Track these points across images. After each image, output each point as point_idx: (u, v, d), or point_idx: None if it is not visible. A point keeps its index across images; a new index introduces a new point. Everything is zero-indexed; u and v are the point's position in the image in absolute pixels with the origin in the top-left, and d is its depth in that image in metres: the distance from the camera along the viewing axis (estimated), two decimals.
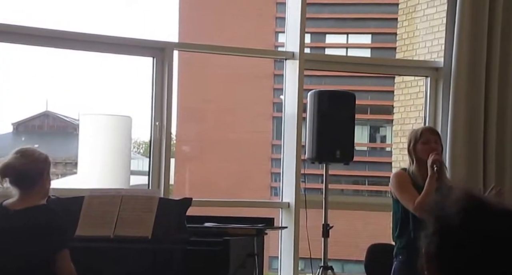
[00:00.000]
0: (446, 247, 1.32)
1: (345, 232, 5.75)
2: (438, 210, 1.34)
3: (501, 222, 1.31)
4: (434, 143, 3.35)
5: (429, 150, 3.32)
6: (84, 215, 3.07)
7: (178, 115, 9.02)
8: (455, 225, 1.31)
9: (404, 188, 3.34)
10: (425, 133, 3.38)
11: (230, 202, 4.64)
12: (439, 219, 1.33)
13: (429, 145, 3.34)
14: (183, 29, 11.05)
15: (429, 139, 3.35)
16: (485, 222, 1.30)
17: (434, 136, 3.39)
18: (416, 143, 3.36)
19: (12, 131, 8.90)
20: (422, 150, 3.33)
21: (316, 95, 3.83)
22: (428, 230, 1.35)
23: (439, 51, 4.39)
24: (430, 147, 3.33)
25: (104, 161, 4.84)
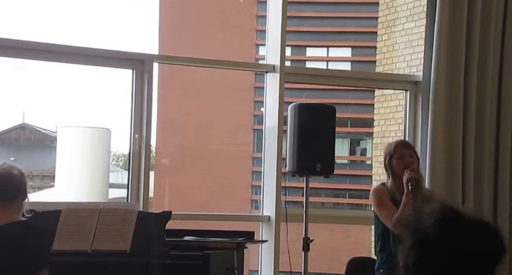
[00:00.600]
0: (424, 259, 1.33)
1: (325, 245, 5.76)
2: (415, 223, 1.36)
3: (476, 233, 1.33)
4: (409, 157, 3.37)
5: (403, 164, 3.33)
6: (61, 229, 3.03)
7: (158, 128, 8.98)
8: (433, 236, 1.32)
9: (382, 204, 3.35)
10: (398, 148, 3.39)
11: (210, 216, 4.60)
12: (416, 232, 1.35)
13: (403, 160, 3.35)
14: (163, 41, 11.04)
15: (403, 154, 3.37)
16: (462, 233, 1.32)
17: (407, 149, 3.40)
18: (391, 158, 3.38)
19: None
20: (397, 165, 3.35)
21: (297, 108, 3.83)
22: (405, 243, 1.36)
23: (418, 65, 4.42)
24: (405, 162, 3.34)
25: (82, 174, 4.79)
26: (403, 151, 3.37)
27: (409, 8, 4.58)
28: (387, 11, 4.99)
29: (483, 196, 4.15)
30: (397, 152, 3.36)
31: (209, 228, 3.75)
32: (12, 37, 3.79)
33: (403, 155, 3.35)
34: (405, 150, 3.38)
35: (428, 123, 4.16)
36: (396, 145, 3.43)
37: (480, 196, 4.15)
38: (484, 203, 4.14)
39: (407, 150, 3.39)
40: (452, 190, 4.08)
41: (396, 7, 4.78)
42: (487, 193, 4.17)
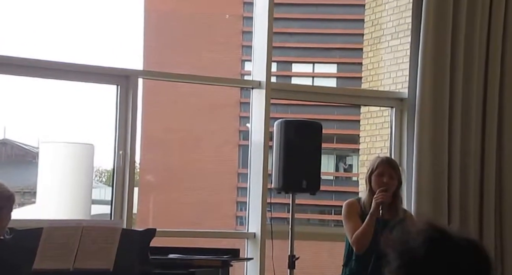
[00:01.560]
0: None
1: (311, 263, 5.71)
2: (401, 244, 1.35)
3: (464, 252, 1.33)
4: (388, 178, 3.36)
5: (380, 183, 3.34)
6: (42, 248, 2.96)
7: (142, 144, 8.92)
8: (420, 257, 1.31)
9: (348, 218, 3.38)
10: (381, 166, 3.39)
11: (195, 233, 4.57)
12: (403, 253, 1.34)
13: (381, 179, 3.35)
14: (148, 57, 11.02)
15: (383, 172, 3.36)
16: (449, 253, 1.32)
17: (390, 169, 3.38)
18: (372, 173, 3.39)
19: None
20: (375, 182, 3.36)
21: (283, 124, 3.81)
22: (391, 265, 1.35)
23: (403, 82, 4.44)
24: (382, 181, 3.34)
25: (65, 190, 4.72)
26: (384, 170, 3.36)
27: (394, 25, 4.61)
28: (372, 28, 5.02)
29: (469, 212, 4.16)
30: (378, 169, 3.36)
31: (194, 245, 3.71)
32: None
33: (383, 174, 3.35)
34: (387, 169, 3.37)
35: (414, 139, 4.17)
36: (380, 162, 3.42)
37: (466, 212, 4.16)
38: (470, 220, 4.15)
39: (389, 170, 3.38)
40: (438, 207, 4.08)
41: (381, 24, 4.81)
42: (472, 209, 4.18)
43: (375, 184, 3.33)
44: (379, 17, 4.92)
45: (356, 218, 3.33)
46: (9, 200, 2.62)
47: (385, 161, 3.45)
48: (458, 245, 1.33)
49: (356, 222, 3.31)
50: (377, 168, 3.36)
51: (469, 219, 4.15)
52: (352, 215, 3.35)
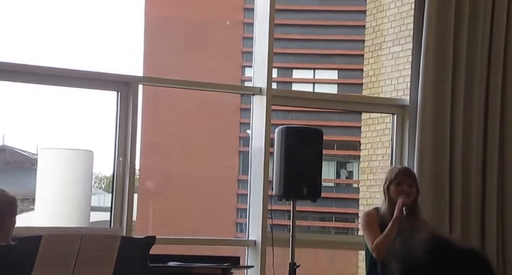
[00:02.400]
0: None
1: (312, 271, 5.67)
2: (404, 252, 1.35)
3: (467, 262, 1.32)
4: (407, 186, 3.40)
5: (400, 192, 3.36)
6: (41, 256, 2.94)
7: (142, 150, 8.89)
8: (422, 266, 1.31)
9: (368, 227, 3.38)
10: (399, 175, 3.42)
11: (195, 240, 4.53)
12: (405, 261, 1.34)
13: (401, 187, 3.38)
14: (148, 63, 11.00)
15: (402, 181, 3.40)
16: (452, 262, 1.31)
17: (408, 179, 3.43)
18: (390, 183, 3.41)
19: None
20: (394, 191, 3.38)
21: (284, 131, 3.80)
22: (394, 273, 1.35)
23: (404, 89, 4.43)
24: (402, 190, 3.37)
25: (64, 197, 4.70)
26: (402, 179, 3.41)
27: (396, 32, 4.59)
28: (373, 35, 5.01)
29: (471, 220, 4.14)
30: (396, 179, 3.40)
31: (193, 252, 3.68)
32: None
33: (402, 183, 3.39)
34: (405, 178, 3.42)
35: (415, 146, 4.15)
36: (398, 172, 3.46)
37: (468, 220, 4.13)
38: (472, 228, 4.12)
39: (408, 179, 3.42)
40: (439, 213, 4.06)
41: (382, 31, 4.79)
42: (474, 216, 4.15)
43: (394, 194, 3.36)
44: (380, 24, 4.91)
45: (375, 226, 3.36)
46: (12, 206, 2.61)
47: (404, 171, 3.50)
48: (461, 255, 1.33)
49: (376, 230, 3.34)
50: (395, 178, 3.40)
51: (471, 227, 4.12)
52: (371, 223, 3.37)
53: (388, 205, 3.38)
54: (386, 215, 3.37)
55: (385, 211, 3.39)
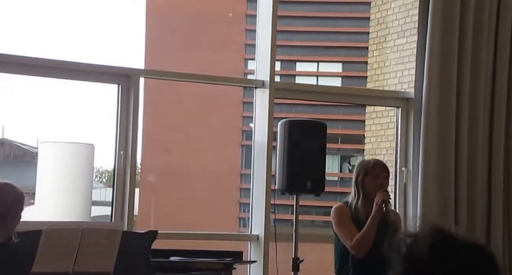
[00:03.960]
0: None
1: (315, 265, 5.61)
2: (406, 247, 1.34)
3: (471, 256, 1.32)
4: (383, 179, 3.33)
5: (378, 185, 3.28)
6: (42, 250, 2.91)
7: (143, 144, 8.87)
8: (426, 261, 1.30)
9: (342, 223, 3.31)
10: (376, 167, 3.35)
11: (197, 235, 4.51)
12: (407, 256, 1.33)
13: (378, 180, 3.30)
14: (150, 56, 10.97)
15: (379, 174, 3.33)
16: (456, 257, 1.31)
17: (385, 172, 3.37)
18: (365, 176, 3.33)
19: None
20: (371, 184, 3.30)
21: (287, 124, 3.76)
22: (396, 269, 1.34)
23: (409, 82, 4.39)
24: (379, 183, 3.29)
25: (64, 191, 4.67)
26: (380, 172, 3.34)
27: (400, 24, 4.55)
28: (378, 27, 4.96)
29: (476, 214, 4.11)
30: (374, 171, 3.32)
31: (196, 247, 3.66)
32: None
33: (379, 175, 3.32)
34: (382, 171, 3.35)
35: (420, 140, 4.11)
36: (375, 164, 3.39)
37: (474, 214, 4.10)
38: (477, 220, 4.10)
39: (384, 172, 3.36)
40: (444, 207, 4.03)
41: (387, 23, 4.75)
42: (480, 209, 4.12)
43: (370, 187, 3.29)
44: (385, 16, 4.86)
45: (349, 222, 3.28)
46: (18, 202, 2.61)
47: (380, 164, 3.44)
48: (464, 249, 1.33)
49: (351, 226, 3.27)
50: (372, 170, 3.32)
51: (476, 220, 4.09)
52: (344, 219, 3.30)
53: (363, 199, 3.29)
54: (360, 210, 3.30)
55: (359, 205, 3.30)
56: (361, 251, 3.21)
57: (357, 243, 3.21)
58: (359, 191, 3.32)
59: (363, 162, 3.45)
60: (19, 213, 2.63)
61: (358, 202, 3.31)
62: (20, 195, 2.62)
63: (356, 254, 3.23)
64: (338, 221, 3.32)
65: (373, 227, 3.19)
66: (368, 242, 3.19)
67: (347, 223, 3.28)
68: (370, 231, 3.19)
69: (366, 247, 3.19)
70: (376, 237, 3.18)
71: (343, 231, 3.29)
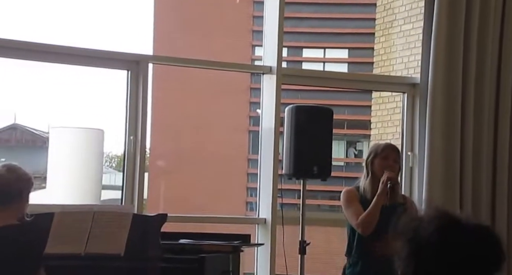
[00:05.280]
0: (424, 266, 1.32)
1: (322, 249, 5.72)
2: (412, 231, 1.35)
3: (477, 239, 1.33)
4: (393, 161, 3.37)
5: (386, 166, 3.33)
6: (54, 232, 2.98)
7: (152, 129, 8.93)
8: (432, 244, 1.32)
9: (349, 203, 3.36)
10: (386, 149, 3.40)
11: (206, 218, 4.57)
12: (413, 240, 1.34)
13: (387, 161, 3.34)
14: (158, 42, 10.99)
15: (388, 155, 3.37)
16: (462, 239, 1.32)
17: (394, 154, 3.40)
18: (375, 157, 3.38)
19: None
20: (380, 165, 3.35)
21: (294, 110, 3.79)
22: (402, 252, 1.35)
23: (415, 67, 4.41)
24: (388, 164, 3.33)
25: (75, 175, 4.73)
26: (390, 153, 3.37)
27: (407, 9, 4.56)
28: (384, 13, 4.97)
29: (481, 198, 4.14)
30: (383, 153, 3.36)
31: (204, 230, 3.71)
32: (4, 37, 3.74)
33: (388, 157, 3.36)
34: (392, 153, 3.39)
35: (426, 125, 4.14)
36: (385, 146, 3.44)
37: (479, 198, 4.13)
38: (482, 205, 4.12)
39: (394, 154, 3.39)
40: (450, 192, 4.06)
41: (393, 9, 4.76)
42: (485, 195, 4.15)
43: (379, 168, 3.33)
44: (392, 1, 4.87)
45: (357, 203, 3.33)
46: (28, 183, 2.66)
47: (391, 146, 3.48)
48: (470, 231, 1.34)
49: (358, 206, 3.31)
50: (382, 152, 3.36)
51: (481, 205, 4.12)
52: (352, 200, 3.35)
53: (370, 180, 3.34)
54: (367, 190, 3.34)
55: (367, 186, 3.35)
56: (367, 228, 3.24)
57: (362, 221, 3.25)
58: (368, 172, 3.37)
59: (375, 145, 3.49)
60: (28, 194, 2.69)
61: (366, 183, 3.36)
62: (28, 175, 2.68)
63: (362, 232, 3.27)
64: (346, 202, 3.38)
65: (378, 205, 3.22)
66: (373, 220, 3.22)
67: (355, 203, 3.34)
68: (375, 209, 3.23)
69: (371, 224, 3.22)
70: (382, 219, 3.22)
71: (349, 211, 3.34)
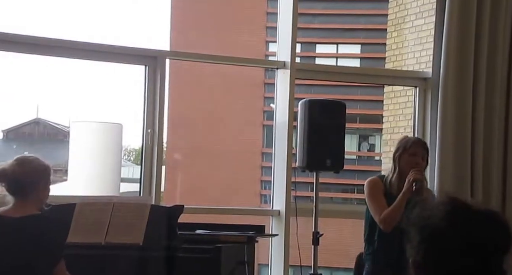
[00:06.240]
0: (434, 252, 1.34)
1: (334, 240, 5.76)
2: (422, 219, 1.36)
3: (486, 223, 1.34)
4: (420, 159, 3.32)
5: (413, 163, 3.29)
6: (75, 222, 3.07)
7: (169, 123, 9.03)
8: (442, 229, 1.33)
9: (374, 197, 3.32)
10: (415, 146, 3.34)
11: (221, 210, 4.65)
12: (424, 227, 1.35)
13: (415, 159, 3.31)
14: (175, 38, 11.08)
15: (416, 152, 3.33)
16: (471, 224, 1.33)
17: (422, 150, 3.35)
18: (403, 153, 3.33)
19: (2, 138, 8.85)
20: (407, 162, 3.30)
21: (307, 104, 3.87)
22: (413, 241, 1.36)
23: (427, 62, 4.45)
24: (415, 161, 3.30)
25: (95, 168, 4.84)
26: (418, 150, 3.32)
27: (419, 5, 4.60)
28: (396, 9, 5.01)
29: (492, 192, 4.18)
30: (411, 149, 3.31)
31: (219, 222, 3.79)
32: (27, 33, 3.85)
33: (416, 153, 3.31)
34: (420, 150, 3.33)
35: (437, 119, 4.18)
36: (414, 142, 3.38)
37: (489, 192, 4.17)
38: (492, 199, 4.16)
39: (422, 151, 3.34)
40: (461, 186, 4.09)
41: (405, 4, 4.80)
42: (496, 189, 4.19)
43: (405, 164, 3.28)
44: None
45: (381, 196, 3.29)
46: (45, 173, 2.67)
47: (420, 142, 3.44)
48: (479, 217, 1.34)
49: (382, 201, 3.27)
50: (410, 148, 3.31)
51: (491, 198, 4.16)
52: (378, 193, 3.30)
53: (397, 175, 3.30)
54: (393, 185, 3.30)
55: (393, 180, 3.31)
56: (388, 226, 3.21)
57: (384, 218, 3.22)
58: (395, 167, 3.32)
59: (404, 139, 3.42)
60: (48, 184, 2.71)
61: (393, 177, 3.31)
62: (46, 165, 2.70)
63: (384, 229, 3.24)
64: (370, 193, 3.34)
65: (402, 204, 3.18)
66: (395, 218, 3.17)
67: (379, 196, 3.29)
68: (398, 207, 3.18)
69: (393, 222, 3.18)
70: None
71: (373, 204, 3.30)
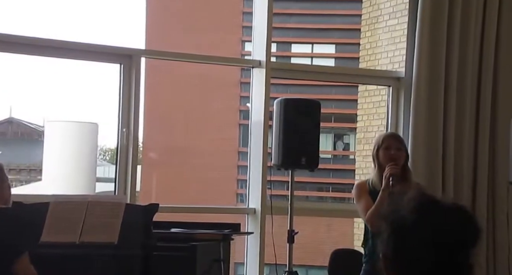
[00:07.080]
0: (403, 246, 1.36)
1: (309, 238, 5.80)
2: (392, 214, 1.38)
3: (453, 217, 1.35)
4: (396, 150, 3.37)
5: (388, 156, 3.34)
6: (49, 221, 3.05)
7: (144, 122, 8.99)
8: (410, 223, 1.34)
9: (359, 199, 3.36)
10: (387, 139, 3.40)
11: (197, 208, 4.66)
12: (393, 222, 1.37)
13: (389, 152, 3.35)
14: (150, 36, 11.04)
15: (390, 145, 3.37)
16: (438, 218, 1.34)
17: (396, 142, 3.40)
18: (378, 149, 3.38)
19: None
20: (383, 156, 3.35)
21: (282, 103, 3.89)
22: (383, 234, 1.39)
23: (400, 62, 4.51)
24: (390, 154, 3.34)
25: (70, 168, 4.81)
26: (391, 143, 3.37)
27: (392, 5, 4.65)
28: (370, 9, 5.06)
29: (463, 189, 4.25)
30: (384, 143, 3.36)
31: (196, 221, 3.79)
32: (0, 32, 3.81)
33: (390, 146, 3.35)
34: (393, 142, 3.38)
35: (410, 118, 4.24)
36: (385, 136, 3.44)
37: (460, 189, 4.25)
38: (463, 196, 4.23)
39: (395, 142, 3.39)
40: (432, 183, 4.16)
41: (379, 5, 4.85)
42: (466, 185, 4.26)
43: (383, 159, 3.33)
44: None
45: (366, 196, 3.32)
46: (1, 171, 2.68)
47: (391, 135, 3.51)
48: (447, 211, 1.35)
49: (367, 200, 3.30)
50: (383, 143, 3.36)
51: (462, 196, 4.23)
52: (362, 194, 3.34)
53: (378, 172, 3.35)
54: (376, 183, 3.35)
55: (375, 177, 3.36)
56: (374, 224, 3.20)
57: (369, 218, 3.24)
58: (375, 164, 3.36)
59: (378, 135, 3.49)
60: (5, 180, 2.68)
61: (375, 175, 3.35)
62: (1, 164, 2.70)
63: (371, 228, 3.27)
64: (356, 196, 3.37)
65: (383, 201, 3.19)
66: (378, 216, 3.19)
67: (363, 198, 3.32)
68: (380, 204, 3.20)
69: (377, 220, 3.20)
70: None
71: (359, 206, 3.34)
